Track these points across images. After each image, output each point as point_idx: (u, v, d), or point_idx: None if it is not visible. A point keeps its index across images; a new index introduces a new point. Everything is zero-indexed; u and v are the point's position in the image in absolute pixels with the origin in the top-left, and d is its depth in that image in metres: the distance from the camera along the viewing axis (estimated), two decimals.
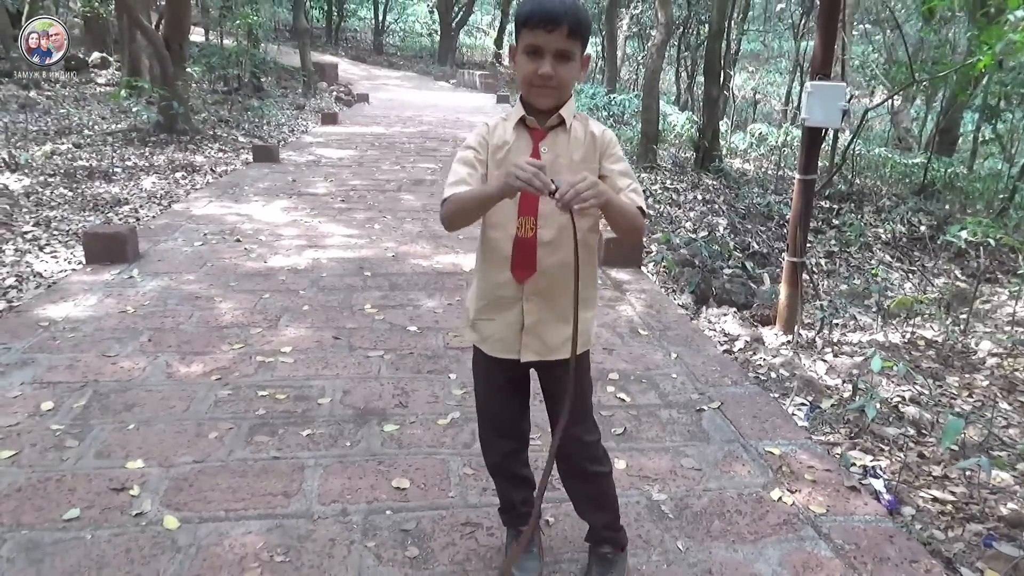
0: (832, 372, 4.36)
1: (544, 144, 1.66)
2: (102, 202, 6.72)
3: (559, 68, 1.58)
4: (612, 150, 1.68)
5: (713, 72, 10.68)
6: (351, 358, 3.23)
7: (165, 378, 2.97)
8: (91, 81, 14.63)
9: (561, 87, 1.61)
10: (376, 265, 4.59)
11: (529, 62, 1.59)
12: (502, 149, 1.68)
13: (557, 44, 1.55)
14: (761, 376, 4.04)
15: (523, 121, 1.67)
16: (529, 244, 1.65)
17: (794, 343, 4.81)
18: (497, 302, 1.73)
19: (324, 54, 22.75)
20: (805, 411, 3.64)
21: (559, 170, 1.65)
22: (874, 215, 9.91)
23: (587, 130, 1.68)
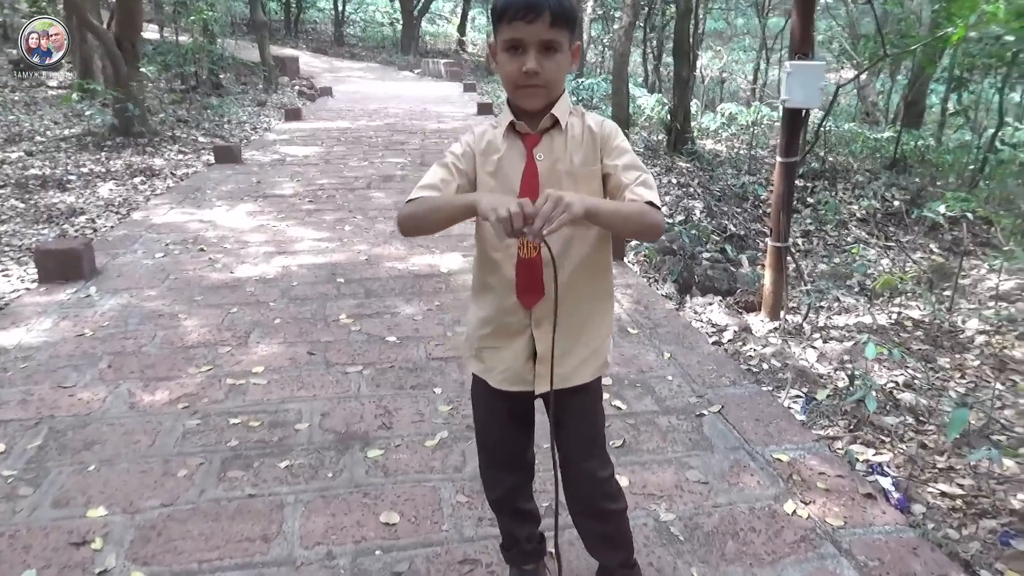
0: (823, 359, 4.27)
1: (539, 151, 1.49)
2: (57, 213, 6.41)
3: (545, 62, 1.40)
4: (613, 142, 1.50)
5: (682, 52, 10.55)
6: (328, 376, 3.04)
7: (127, 409, 2.76)
8: (42, 84, 14.10)
9: (550, 84, 1.44)
10: (349, 270, 4.39)
11: (511, 59, 1.41)
12: (492, 159, 1.50)
13: (540, 35, 1.38)
14: (753, 368, 3.93)
15: (513, 127, 1.50)
16: (534, 265, 1.48)
17: (782, 330, 4.72)
18: (504, 329, 1.56)
19: (284, 47, 22.24)
20: (801, 403, 3.53)
21: (558, 178, 1.48)
22: (848, 191, 9.89)
23: (584, 125, 1.51)
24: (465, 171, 1.51)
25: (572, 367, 1.54)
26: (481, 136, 1.53)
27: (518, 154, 1.49)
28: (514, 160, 1.49)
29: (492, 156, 1.51)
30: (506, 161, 1.50)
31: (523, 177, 1.48)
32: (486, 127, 1.56)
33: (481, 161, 1.51)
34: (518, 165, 1.49)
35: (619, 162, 1.48)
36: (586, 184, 1.48)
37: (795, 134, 4.74)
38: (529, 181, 1.48)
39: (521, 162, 1.49)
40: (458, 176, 1.50)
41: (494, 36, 1.46)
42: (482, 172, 1.51)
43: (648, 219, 1.40)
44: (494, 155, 1.50)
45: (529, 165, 1.48)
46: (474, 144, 1.52)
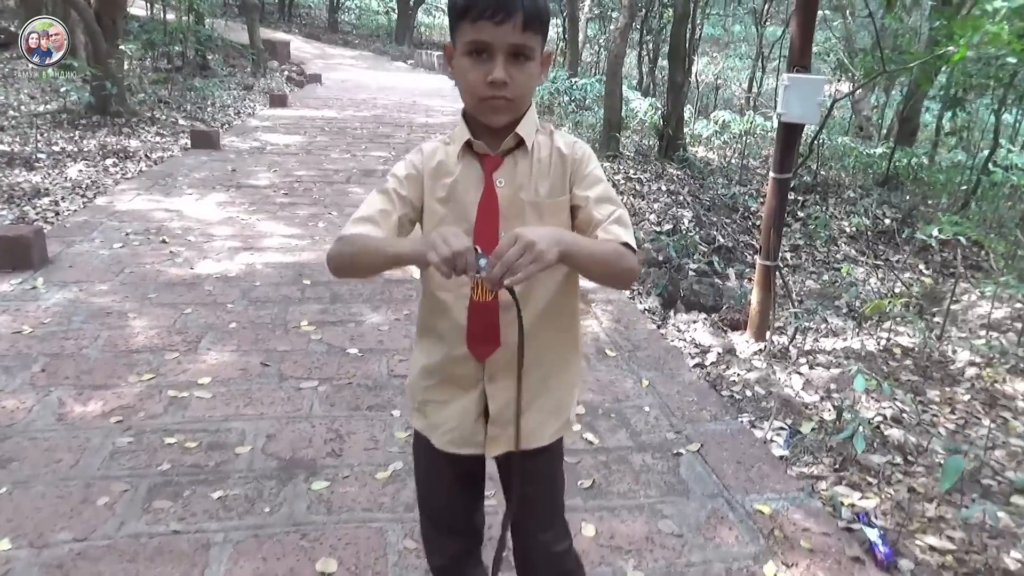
0: (809, 387, 4.09)
1: (499, 176, 1.27)
2: (19, 193, 6.11)
3: (515, 72, 1.19)
4: (585, 169, 1.29)
5: (678, 57, 10.36)
6: (279, 391, 2.81)
7: (55, 421, 2.53)
8: (22, 57, 13.70)
9: (518, 97, 1.23)
10: (317, 271, 4.16)
11: (474, 65, 1.19)
12: (443, 182, 1.28)
13: (510, 39, 1.17)
14: (736, 395, 3.74)
15: (470, 146, 1.28)
16: (490, 310, 1.26)
17: (767, 352, 4.54)
18: (451, 381, 1.34)
19: (277, 31, 21.86)
20: (785, 436, 3.35)
21: (520, 209, 1.26)
22: (839, 207, 9.75)
23: (553, 147, 1.29)
24: (409, 199, 1.29)
25: (531, 427, 1.33)
26: (431, 155, 1.31)
27: (475, 178, 1.28)
28: (470, 186, 1.28)
29: (443, 179, 1.29)
30: (460, 186, 1.28)
31: (480, 206, 1.27)
32: (437, 144, 1.34)
33: (430, 186, 1.29)
34: (474, 192, 1.27)
35: (591, 193, 1.27)
36: (552, 216, 1.28)
37: (790, 149, 4.55)
38: (487, 211, 1.26)
39: (478, 188, 1.27)
40: (400, 205, 1.28)
41: (451, 36, 1.24)
42: (430, 199, 1.29)
43: (623, 263, 1.20)
44: (446, 178, 1.29)
45: (488, 192, 1.26)
46: (421, 165, 1.30)
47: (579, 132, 11.90)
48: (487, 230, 1.26)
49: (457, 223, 1.26)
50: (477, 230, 1.26)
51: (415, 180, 1.29)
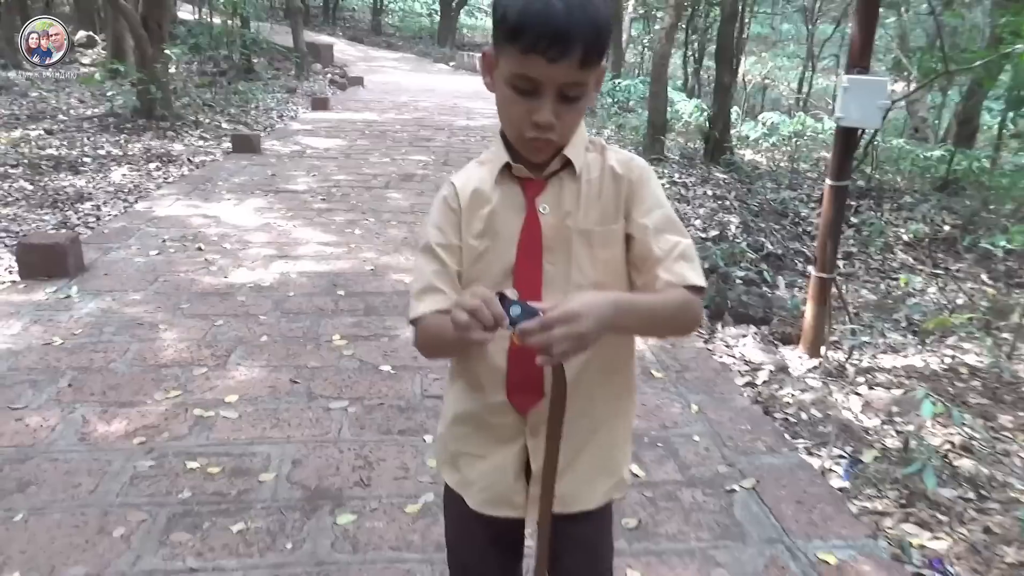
0: (869, 409, 3.84)
1: (543, 201, 1.11)
2: (63, 197, 6.16)
3: (564, 111, 1.03)
4: (644, 190, 1.11)
5: (725, 57, 10.06)
6: (308, 412, 2.69)
7: (77, 441, 2.44)
8: (75, 61, 14.01)
9: (567, 136, 1.07)
10: (352, 281, 4.04)
11: (518, 100, 1.03)
12: (480, 214, 1.12)
13: (565, 78, 0.99)
14: (791, 418, 3.52)
15: (509, 169, 1.12)
16: (531, 356, 1.10)
17: (822, 369, 4.29)
18: (487, 431, 1.18)
19: (321, 34, 22.05)
20: (845, 466, 3.12)
21: (566, 239, 1.10)
22: (894, 213, 9.35)
23: (605, 166, 1.12)
24: (456, 246, 1.14)
25: (575, 486, 1.16)
26: (464, 186, 1.14)
27: (515, 205, 1.11)
28: (510, 215, 1.11)
29: (480, 211, 1.12)
30: (499, 216, 1.11)
31: (521, 237, 1.10)
32: (470, 171, 1.17)
33: (467, 220, 1.12)
34: (515, 221, 1.11)
35: (649, 221, 1.09)
36: (604, 248, 1.11)
37: (848, 155, 4.30)
38: (529, 242, 1.10)
39: (519, 217, 1.11)
40: (451, 259, 1.13)
41: (495, 50, 1.06)
42: (468, 236, 1.12)
43: (688, 316, 1.05)
44: (483, 208, 1.12)
45: (530, 221, 1.10)
46: (456, 202, 1.14)
47: (622, 134, 11.66)
48: (529, 264, 1.10)
49: (498, 259, 1.11)
50: (519, 265, 1.10)
51: (454, 224, 1.13)
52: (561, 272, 1.10)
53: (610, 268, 1.12)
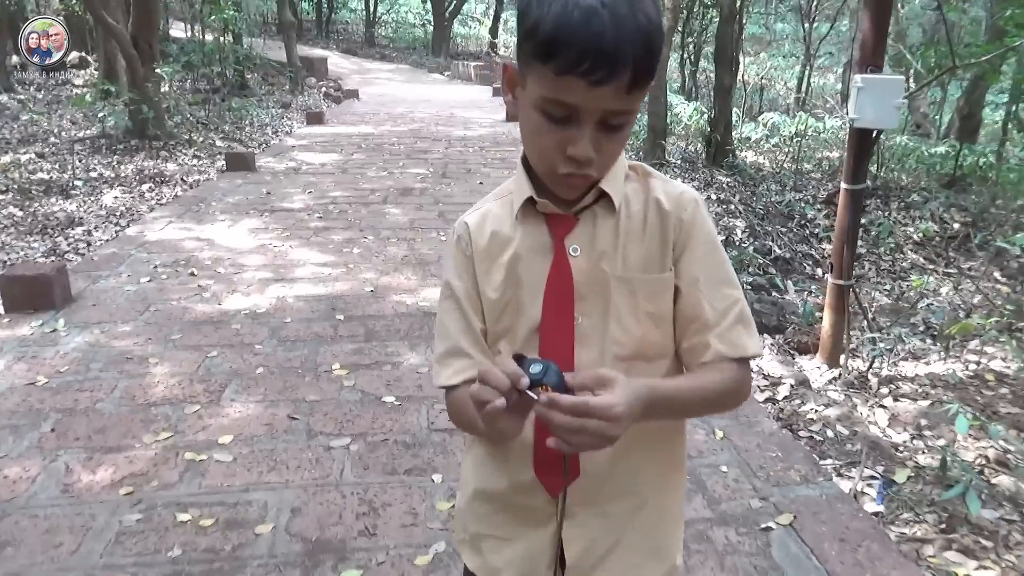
0: (897, 423, 3.67)
1: (573, 241, 0.93)
2: (53, 223, 6.01)
3: (605, 142, 0.85)
4: (697, 232, 0.93)
5: (725, 59, 9.92)
6: (307, 451, 2.51)
7: (59, 493, 2.26)
8: (68, 82, 13.89)
9: (604, 170, 0.90)
10: (351, 304, 3.87)
11: (550, 129, 0.85)
12: (500, 261, 0.95)
13: (610, 104, 0.82)
14: (815, 436, 3.35)
15: (532, 202, 0.95)
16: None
17: (843, 380, 4.12)
18: (514, 511, 1.01)
19: (315, 48, 21.95)
20: (878, 488, 2.94)
21: (603, 286, 0.93)
22: (902, 211, 9.19)
23: (650, 200, 0.94)
24: (476, 295, 0.98)
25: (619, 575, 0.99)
26: (479, 228, 0.97)
27: (541, 248, 0.94)
28: (535, 259, 0.94)
29: (500, 257, 0.95)
30: (524, 260, 0.95)
31: (548, 283, 0.93)
32: (486, 207, 1.00)
33: (485, 269, 0.96)
34: (541, 266, 0.94)
35: (702, 274, 0.92)
36: (649, 299, 0.94)
37: (863, 157, 4.14)
38: (557, 290, 0.93)
39: (546, 261, 0.93)
40: (474, 312, 0.97)
41: (521, 66, 0.88)
42: (487, 288, 0.96)
43: (738, 396, 0.92)
44: (503, 254, 0.95)
45: (558, 265, 0.93)
46: (471, 248, 0.97)
47: None
48: (558, 318, 0.92)
49: (523, 313, 0.94)
50: (546, 318, 0.93)
51: (469, 273, 0.97)
52: (597, 327, 0.94)
53: (657, 323, 0.95)
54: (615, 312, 0.93)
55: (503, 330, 0.97)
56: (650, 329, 0.94)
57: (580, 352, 0.93)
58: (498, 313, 0.96)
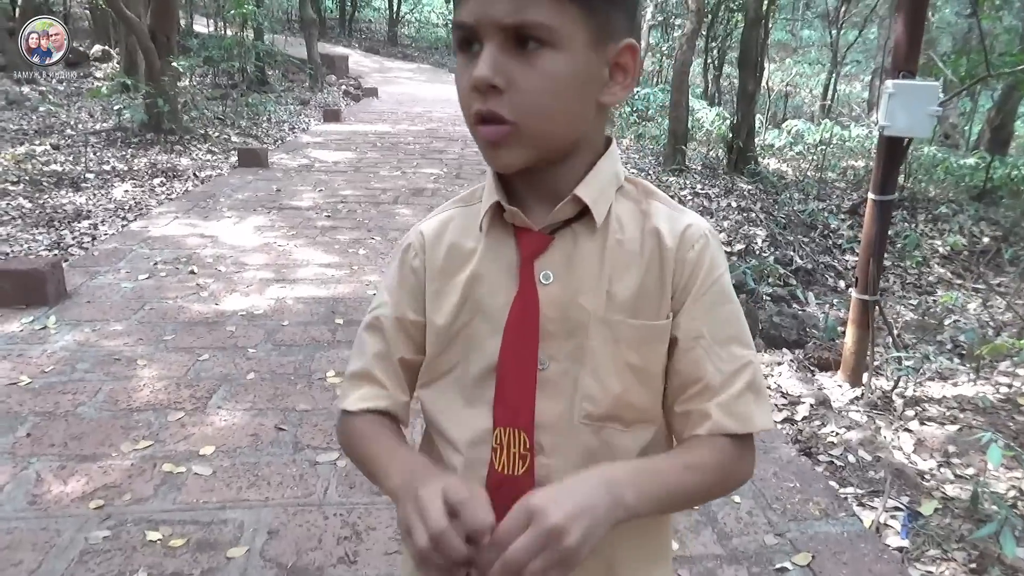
0: (923, 449, 3.46)
1: (545, 266, 0.76)
2: (61, 216, 5.93)
3: (516, 68, 0.68)
4: (703, 272, 0.76)
5: (749, 64, 9.70)
6: (292, 467, 2.37)
7: (26, 505, 2.13)
8: (90, 75, 13.93)
9: (526, 116, 0.69)
10: (352, 308, 3.73)
11: (463, 66, 0.71)
12: (456, 281, 0.79)
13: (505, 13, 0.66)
14: (836, 461, 3.16)
15: (502, 210, 0.78)
16: (519, 490, 0.76)
17: (866, 400, 3.92)
18: None
19: (337, 46, 21.93)
20: (903, 520, 2.75)
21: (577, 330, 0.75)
22: (929, 224, 8.93)
23: (647, 228, 0.77)
24: (412, 324, 0.81)
25: None
26: (436, 238, 0.82)
27: (506, 268, 0.77)
28: (498, 281, 0.78)
29: (457, 275, 0.80)
30: (485, 282, 0.78)
31: (510, 317, 0.76)
32: (448, 213, 0.84)
33: (436, 288, 0.80)
34: (505, 291, 0.77)
35: (706, 326, 0.75)
36: (636, 349, 0.76)
37: (893, 167, 3.94)
38: (519, 327, 0.76)
39: (511, 285, 0.77)
40: (401, 344, 0.82)
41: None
42: (434, 313, 0.80)
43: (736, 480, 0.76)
44: (460, 272, 0.79)
45: (524, 294, 0.76)
46: (421, 261, 0.82)
47: (642, 145, 11.33)
48: (517, 361, 0.75)
49: (477, 349, 0.78)
50: (503, 360, 0.76)
51: (415, 290, 0.81)
52: (567, 375, 0.77)
53: (642, 380, 0.77)
54: (591, 360, 0.76)
55: (450, 366, 0.81)
56: (632, 386, 0.77)
57: (543, 404, 0.76)
58: (445, 343, 0.80)
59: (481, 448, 0.78)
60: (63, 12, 17.98)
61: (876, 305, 4.12)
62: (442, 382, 0.82)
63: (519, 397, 0.75)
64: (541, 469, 0.76)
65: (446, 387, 0.82)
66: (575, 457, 0.76)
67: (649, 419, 0.79)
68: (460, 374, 0.80)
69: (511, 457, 0.76)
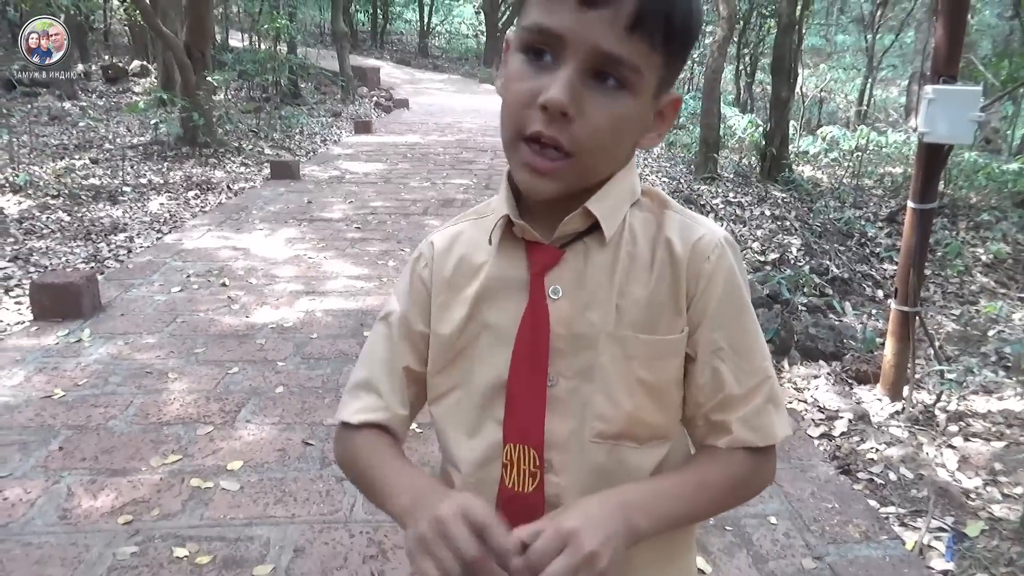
0: (967, 466, 3.34)
1: (555, 280, 0.73)
2: (98, 228, 6.04)
3: (592, 101, 0.65)
4: (720, 283, 0.73)
5: (782, 70, 9.57)
6: (319, 482, 2.35)
7: (57, 519, 2.15)
8: (128, 90, 14.26)
9: (584, 152, 0.67)
10: None
11: (529, 73, 0.67)
12: (464, 294, 0.77)
13: (603, 40, 0.63)
14: (876, 479, 3.05)
15: (511, 226, 0.75)
16: (529, 507, 0.73)
17: (907, 415, 3.80)
18: None
19: (368, 58, 22.18)
20: (947, 541, 2.64)
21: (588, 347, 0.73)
22: (971, 232, 8.69)
23: (660, 238, 0.74)
24: (419, 335, 0.80)
25: None
26: (447, 248, 0.80)
27: (515, 283, 0.75)
28: (507, 296, 0.75)
29: (466, 288, 0.77)
30: (494, 297, 0.76)
31: (519, 333, 0.74)
32: (462, 224, 0.82)
33: (443, 302, 0.78)
34: (514, 306, 0.74)
35: (724, 341, 0.73)
36: (648, 365, 0.73)
37: (933, 174, 3.83)
38: (530, 344, 0.73)
39: (520, 300, 0.74)
40: (406, 352, 0.80)
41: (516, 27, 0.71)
42: (440, 325, 0.78)
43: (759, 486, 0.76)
44: (470, 285, 0.77)
45: (534, 309, 0.73)
46: (429, 269, 0.80)
47: (673, 153, 11.23)
48: (527, 380, 0.73)
49: (484, 365, 0.75)
50: (512, 378, 0.73)
51: (421, 302, 0.79)
52: (577, 393, 0.74)
53: (654, 396, 0.75)
54: (601, 377, 0.73)
55: (454, 383, 0.79)
56: (644, 403, 0.74)
57: (553, 423, 0.74)
58: (450, 357, 0.78)
59: (491, 464, 0.76)
60: (103, 29, 18.48)
61: (917, 316, 4.00)
62: (449, 398, 0.80)
63: (528, 415, 0.73)
64: (551, 487, 0.75)
65: (453, 404, 0.80)
66: (585, 475, 0.74)
67: (663, 435, 0.77)
68: (466, 391, 0.78)
69: (521, 474, 0.74)
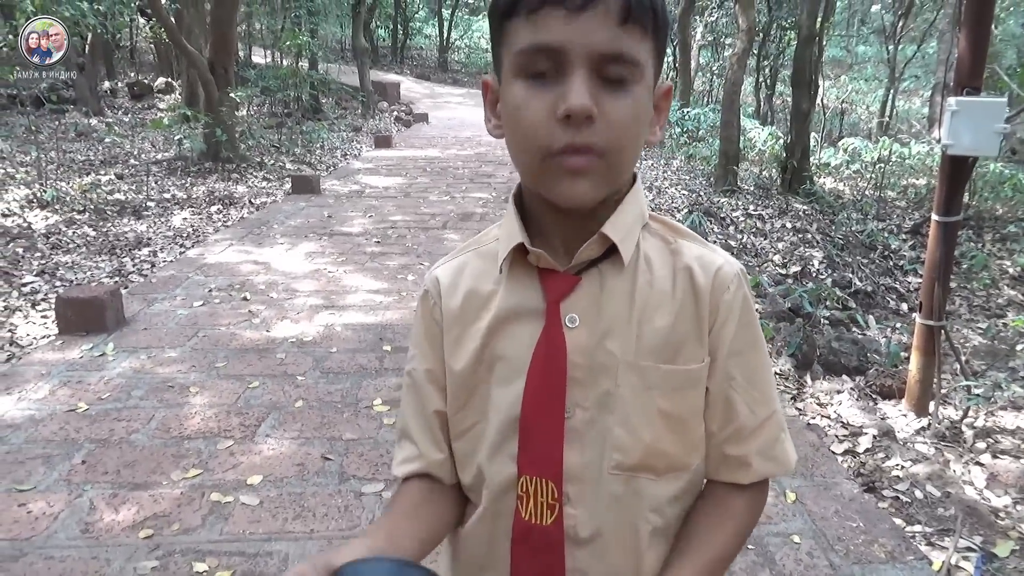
0: (996, 484, 3.27)
1: (572, 308, 0.72)
2: (123, 243, 6.13)
3: (607, 99, 0.65)
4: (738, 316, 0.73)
5: (802, 82, 9.51)
6: (337, 498, 2.35)
7: (79, 533, 2.16)
8: (153, 107, 14.51)
9: (615, 147, 0.66)
10: (400, 334, 3.73)
11: (537, 93, 0.66)
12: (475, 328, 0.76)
13: (600, 41, 0.63)
14: (902, 496, 3.00)
15: (524, 252, 0.74)
16: (548, 539, 0.72)
17: (933, 431, 3.73)
18: None
19: (388, 73, 22.39)
20: (976, 562, 2.59)
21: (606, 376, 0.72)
22: (997, 244, 8.56)
23: (678, 267, 0.74)
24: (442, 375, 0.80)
25: None
26: (453, 282, 0.79)
27: (529, 312, 0.74)
28: (521, 326, 0.74)
29: (477, 322, 0.76)
30: (506, 328, 0.75)
31: (533, 363, 0.72)
32: (465, 255, 0.81)
33: (455, 337, 0.77)
34: (528, 336, 0.73)
35: (739, 372, 0.72)
36: (669, 396, 0.72)
37: (957, 187, 3.78)
38: (545, 374, 0.72)
39: (535, 330, 0.73)
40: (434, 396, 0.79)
41: (497, 66, 0.72)
42: (453, 361, 0.77)
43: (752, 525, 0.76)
44: (480, 318, 0.76)
45: (550, 338, 0.72)
46: (439, 307, 0.79)
47: (692, 166, 11.20)
48: (544, 411, 0.72)
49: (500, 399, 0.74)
50: (526, 409, 0.72)
51: (436, 340, 0.79)
52: (595, 424, 0.73)
53: (673, 427, 0.73)
54: (620, 408, 0.72)
55: (474, 420, 0.77)
56: (663, 434, 0.73)
57: (570, 455, 0.72)
58: (466, 395, 0.77)
59: (506, 497, 0.75)
60: (129, 47, 18.83)
61: (942, 330, 3.94)
62: (472, 433, 0.79)
63: (546, 446, 0.72)
64: (569, 519, 0.73)
65: (469, 441, 0.79)
66: (603, 507, 0.73)
67: (682, 466, 0.75)
68: (483, 428, 0.77)
69: (539, 506, 0.72)
